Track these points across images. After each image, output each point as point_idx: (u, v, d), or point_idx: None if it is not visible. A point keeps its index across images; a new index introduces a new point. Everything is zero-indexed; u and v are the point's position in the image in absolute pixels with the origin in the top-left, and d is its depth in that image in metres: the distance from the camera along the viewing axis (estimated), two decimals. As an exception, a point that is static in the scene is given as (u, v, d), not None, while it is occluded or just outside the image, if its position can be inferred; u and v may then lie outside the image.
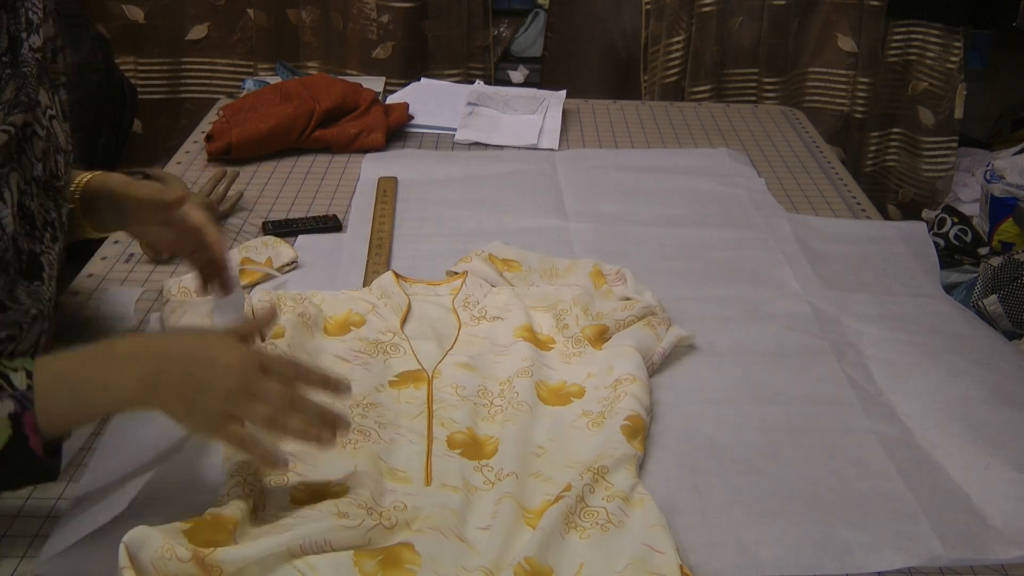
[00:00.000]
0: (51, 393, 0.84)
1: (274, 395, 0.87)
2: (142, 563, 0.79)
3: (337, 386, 0.92)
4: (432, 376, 1.11)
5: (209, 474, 0.97)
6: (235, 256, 1.35)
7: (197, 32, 2.65)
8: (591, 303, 1.22)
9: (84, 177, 1.12)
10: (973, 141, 2.94)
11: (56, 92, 1.07)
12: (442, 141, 1.85)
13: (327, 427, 0.89)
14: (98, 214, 1.12)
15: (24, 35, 0.99)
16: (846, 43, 2.64)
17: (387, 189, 1.61)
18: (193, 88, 2.71)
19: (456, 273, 1.31)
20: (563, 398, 1.10)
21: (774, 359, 1.20)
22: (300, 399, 0.89)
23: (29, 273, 0.98)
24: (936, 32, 2.61)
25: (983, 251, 2.46)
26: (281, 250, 1.38)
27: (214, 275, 1.11)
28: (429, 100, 1.99)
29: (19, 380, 0.83)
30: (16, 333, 0.96)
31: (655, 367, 1.16)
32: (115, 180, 1.12)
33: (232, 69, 2.69)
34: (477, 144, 1.84)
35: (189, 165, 1.70)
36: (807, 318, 1.29)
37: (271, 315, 1.01)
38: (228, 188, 1.55)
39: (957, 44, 2.59)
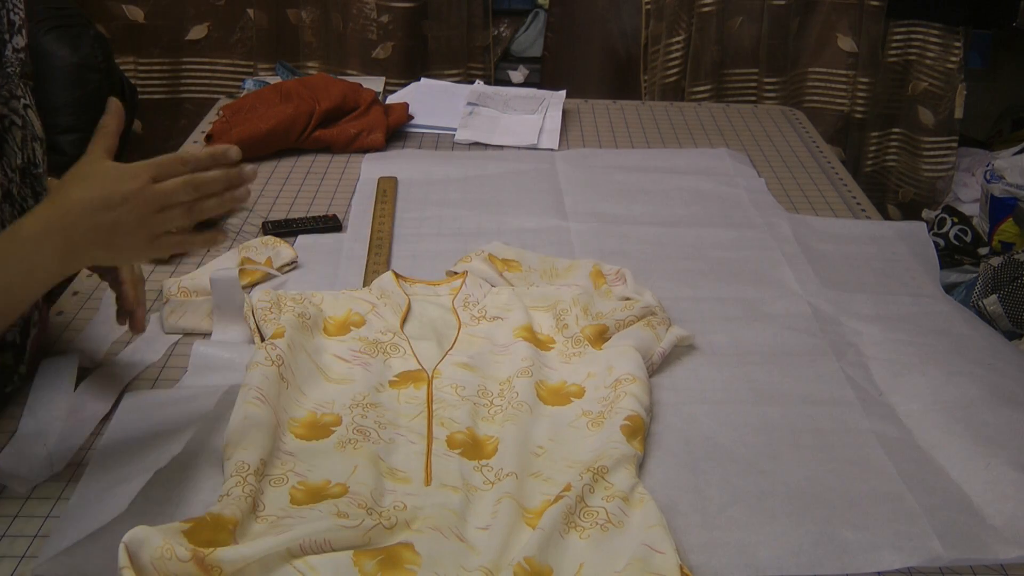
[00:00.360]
0: None
1: (179, 192, 0.90)
2: (142, 563, 0.79)
3: (225, 153, 0.93)
4: (432, 376, 1.11)
5: (209, 474, 0.97)
6: (235, 256, 1.35)
7: (197, 32, 2.65)
8: (591, 303, 1.22)
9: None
10: (973, 141, 2.94)
11: (27, 84, 1.08)
12: (442, 141, 1.85)
13: (239, 187, 0.93)
14: None
15: (7, 36, 0.99)
16: (846, 43, 2.64)
17: (387, 189, 1.61)
18: (193, 88, 2.71)
19: (456, 273, 1.31)
20: (563, 398, 1.10)
21: (774, 359, 1.20)
22: (201, 179, 0.91)
23: None
24: (936, 32, 2.61)
25: (983, 251, 2.46)
26: (281, 250, 1.38)
27: (126, 310, 1.09)
28: (429, 100, 1.99)
29: None
30: None
31: (655, 367, 1.16)
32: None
33: (232, 69, 2.69)
34: (477, 144, 1.84)
35: (189, 165, 1.70)
36: (807, 318, 1.29)
37: (116, 120, 0.97)
38: (228, 188, 1.55)
39: (957, 44, 2.60)
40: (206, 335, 1.21)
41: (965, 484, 1.00)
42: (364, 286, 1.30)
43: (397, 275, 1.28)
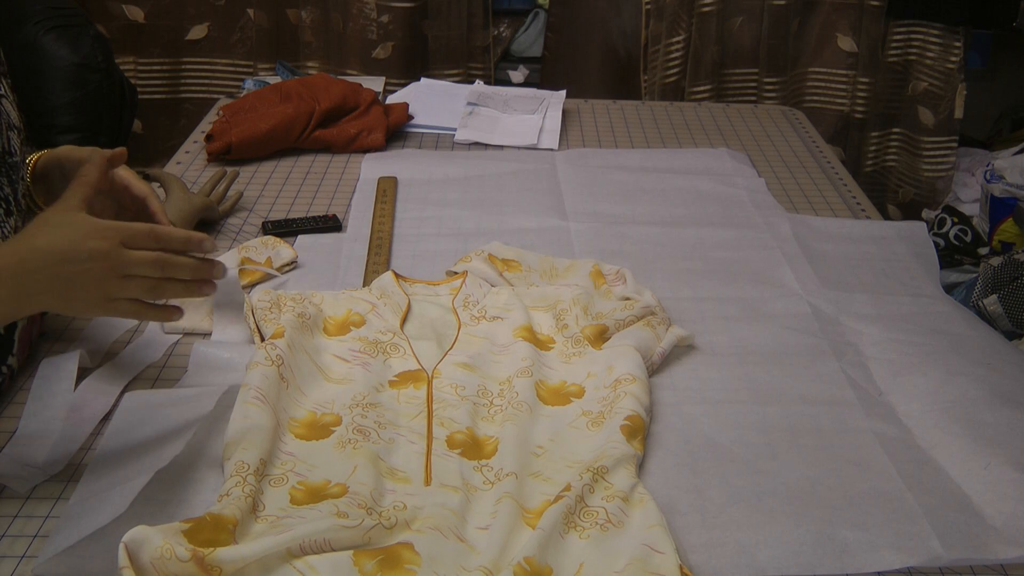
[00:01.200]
0: None
1: (146, 267, 0.90)
2: (142, 563, 0.79)
3: (200, 243, 0.94)
4: (432, 376, 1.11)
5: (209, 474, 0.97)
6: (235, 256, 1.35)
7: (197, 32, 2.66)
8: (591, 303, 1.22)
9: (35, 156, 1.13)
10: (973, 141, 2.94)
11: (3, 76, 1.08)
12: (442, 141, 1.85)
13: (205, 277, 0.94)
14: (51, 189, 1.13)
15: None
16: (846, 43, 2.64)
17: (387, 189, 1.61)
18: (193, 88, 2.71)
19: (456, 273, 1.31)
20: (563, 398, 1.10)
21: (774, 359, 1.20)
22: (170, 261, 0.92)
23: None
24: (936, 32, 2.61)
25: (983, 251, 2.46)
26: (281, 250, 1.39)
27: None
28: (429, 100, 1.99)
29: None
30: None
31: (655, 367, 1.16)
32: (61, 150, 1.13)
33: (232, 69, 2.69)
34: (477, 144, 1.84)
35: (189, 165, 1.70)
36: (807, 318, 1.29)
37: (97, 171, 0.98)
38: (228, 188, 1.55)
39: (957, 44, 2.60)
40: (206, 335, 1.21)
41: (965, 484, 1.00)
42: (364, 286, 1.30)
43: (397, 275, 1.28)
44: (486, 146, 1.84)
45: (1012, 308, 2.01)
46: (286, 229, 1.47)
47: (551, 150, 1.82)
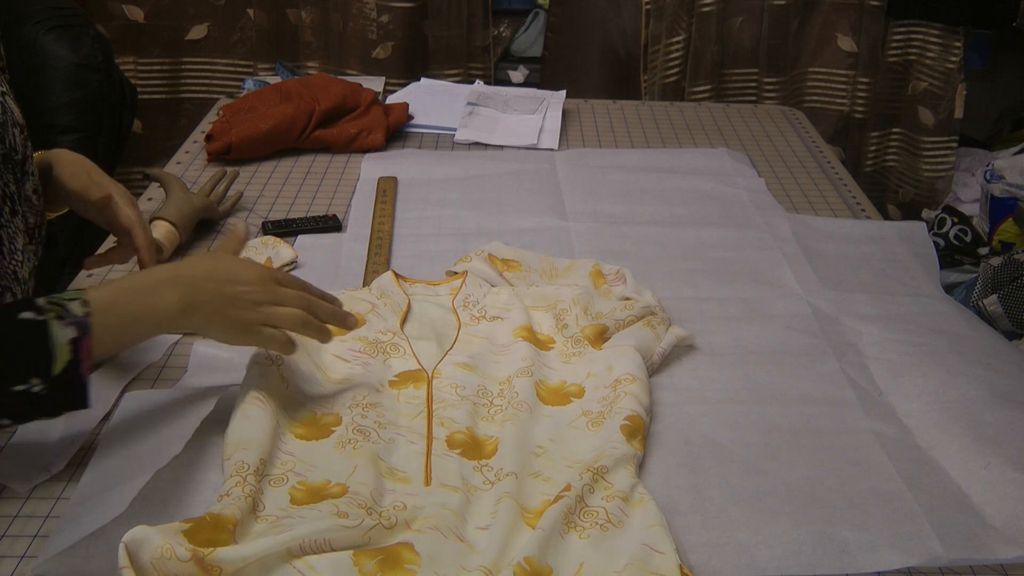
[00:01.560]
0: (105, 319, 0.90)
1: (295, 299, 1.01)
2: (142, 563, 0.79)
3: (334, 300, 1.06)
4: (432, 376, 1.11)
5: (209, 474, 0.97)
6: (235, 256, 1.35)
7: (197, 32, 2.66)
8: (591, 303, 1.22)
9: (38, 153, 1.14)
10: (973, 141, 2.94)
11: (3, 73, 1.09)
12: (442, 141, 1.85)
13: (339, 320, 1.04)
14: (46, 190, 1.16)
15: None
16: (846, 43, 2.64)
17: (387, 189, 1.61)
18: (193, 88, 2.71)
19: (456, 273, 1.31)
20: (563, 398, 1.10)
21: (774, 359, 1.20)
22: (314, 300, 1.03)
23: None
24: (936, 32, 2.61)
25: (983, 251, 2.46)
26: (281, 250, 1.39)
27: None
28: (429, 100, 1.99)
29: (76, 308, 0.89)
30: None
31: (655, 367, 1.16)
32: (62, 160, 1.17)
33: (232, 69, 2.69)
34: (477, 144, 1.84)
35: (189, 165, 1.70)
36: (807, 318, 1.29)
37: (245, 232, 1.11)
38: (228, 188, 1.55)
39: (957, 44, 2.60)
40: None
41: (965, 484, 1.00)
42: (364, 286, 1.30)
43: (397, 275, 1.28)
44: (486, 146, 1.84)
45: (1012, 308, 2.01)
46: (286, 229, 1.47)
47: (551, 150, 1.82)
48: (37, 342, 0.86)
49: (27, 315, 0.87)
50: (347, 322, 1.05)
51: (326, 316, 1.03)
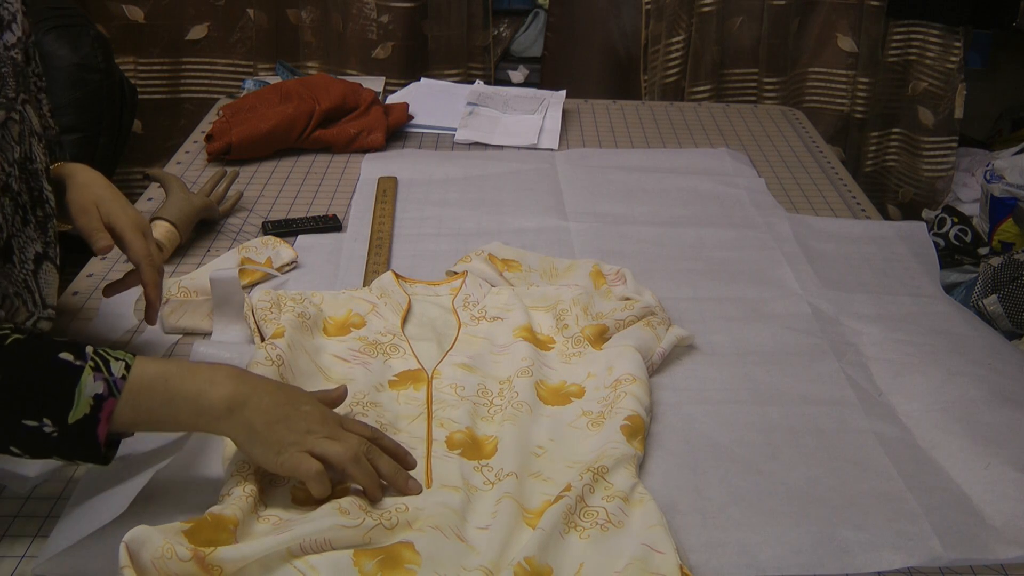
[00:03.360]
0: (143, 388, 0.86)
1: (352, 440, 0.92)
2: (142, 563, 0.79)
3: (405, 458, 0.96)
4: (432, 376, 1.11)
5: (209, 474, 0.97)
6: (235, 256, 1.35)
7: (197, 32, 2.65)
8: (591, 303, 1.22)
9: (55, 165, 1.13)
10: (973, 141, 2.94)
11: (26, 80, 1.07)
12: (442, 141, 1.85)
13: (396, 473, 0.93)
14: (58, 204, 1.13)
15: None
16: (846, 43, 2.64)
17: (387, 189, 1.61)
18: (193, 88, 2.71)
19: (456, 273, 1.31)
20: (563, 398, 1.10)
21: (774, 359, 1.20)
22: (377, 446, 0.94)
23: (2, 254, 1.00)
24: (936, 32, 2.61)
25: (983, 251, 2.46)
26: (281, 250, 1.39)
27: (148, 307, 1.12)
28: (429, 100, 1.99)
29: (117, 368, 0.86)
30: None
31: (655, 367, 1.16)
32: (76, 182, 1.13)
33: (232, 69, 2.69)
34: (477, 144, 1.84)
35: (189, 165, 1.70)
36: (807, 318, 1.29)
37: (343, 393, 1.01)
38: (228, 188, 1.55)
39: (957, 44, 2.59)
40: (206, 335, 1.21)
41: (965, 484, 1.00)
42: (364, 286, 1.30)
43: (397, 275, 1.28)
44: (486, 146, 1.84)
45: (1012, 308, 2.01)
46: (286, 229, 1.47)
47: (551, 150, 1.82)
48: (64, 385, 0.83)
49: (66, 356, 0.85)
50: (406, 487, 0.94)
51: (386, 466, 0.93)
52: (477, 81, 2.16)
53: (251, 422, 0.88)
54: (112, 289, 1.16)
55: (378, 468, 0.92)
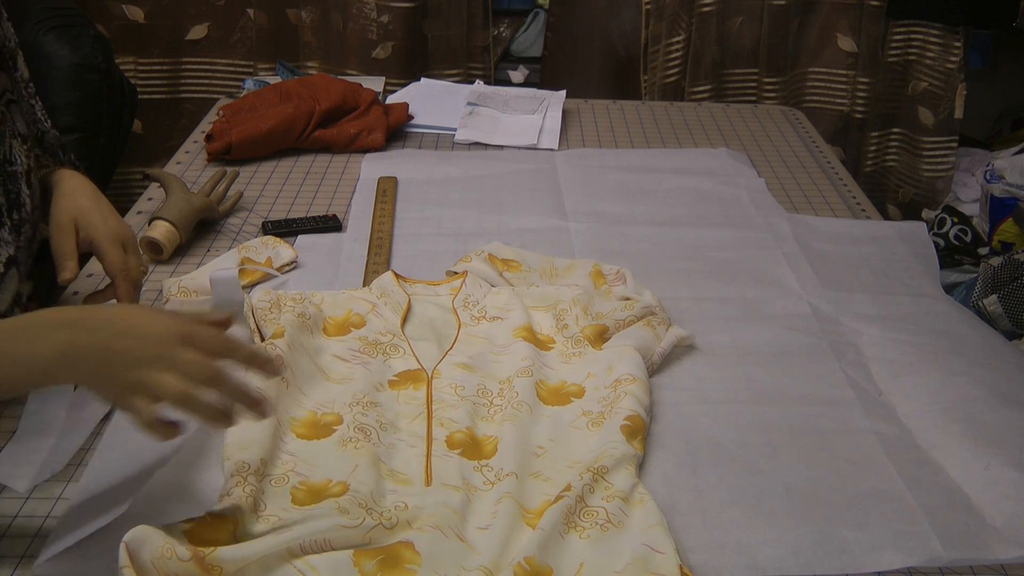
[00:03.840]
0: None
1: (192, 367, 0.81)
2: (142, 563, 0.79)
3: (265, 364, 0.87)
4: (431, 376, 1.11)
5: (209, 474, 0.97)
6: (235, 256, 1.35)
7: (197, 32, 2.65)
8: (591, 303, 1.22)
9: (49, 170, 1.12)
10: (973, 141, 2.94)
11: (25, 95, 1.07)
12: (442, 141, 1.85)
13: (244, 406, 0.84)
14: (44, 211, 1.12)
15: None
16: (846, 43, 2.64)
17: (387, 189, 1.61)
18: (193, 88, 2.71)
19: (456, 273, 1.31)
20: (563, 398, 1.10)
21: (774, 359, 1.20)
22: (220, 374, 0.83)
23: None
24: (936, 32, 2.61)
25: (983, 251, 2.46)
26: (281, 250, 1.39)
27: None
28: (429, 100, 1.99)
29: None
30: None
31: (655, 367, 1.16)
32: (60, 192, 1.10)
33: (232, 69, 2.69)
34: (477, 144, 1.84)
35: (189, 165, 1.70)
36: (807, 318, 1.29)
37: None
38: (228, 188, 1.55)
39: (957, 44, 2.60)
40: (206, 335, 1.21)
41: (965, 484, 1.00)
42: (364, 286, 1.30)
43: (397, 275, 1.28)
44: (486, 146, 1.84)
45: (1012, 308, 2.01)
46: (286, 229, 1.47)
47: (551, 150, 1.82)
48: None
49: None
50: (260, 410, 0.85)
51: (230, 395, 0.83)
52: (477, 81, 2.16)
53: (83, 369, 0.81)
54: (92, 300, 1.15)
55: (202, 404, 0.82)
